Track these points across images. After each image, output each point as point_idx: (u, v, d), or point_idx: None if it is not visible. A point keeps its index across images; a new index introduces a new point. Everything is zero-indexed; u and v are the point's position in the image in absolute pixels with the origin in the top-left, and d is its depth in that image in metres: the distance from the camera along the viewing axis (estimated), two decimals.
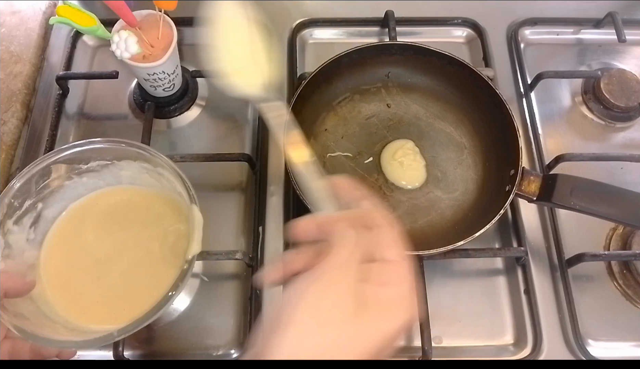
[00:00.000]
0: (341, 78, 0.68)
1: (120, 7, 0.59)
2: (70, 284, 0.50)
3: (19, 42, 0.74)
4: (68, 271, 0.51)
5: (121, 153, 0.51)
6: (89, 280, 0.50)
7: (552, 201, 0.55)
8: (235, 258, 0.58)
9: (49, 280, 0.50)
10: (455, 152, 0.67)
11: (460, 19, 0.79)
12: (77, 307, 0.49)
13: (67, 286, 0.50)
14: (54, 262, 0.51)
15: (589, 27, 0.79)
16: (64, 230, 0.53)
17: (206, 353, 0.58)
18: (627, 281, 0.62)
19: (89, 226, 0.53)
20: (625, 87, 0.72)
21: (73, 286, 0.50)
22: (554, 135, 0.72)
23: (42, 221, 0.52)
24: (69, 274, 0.51)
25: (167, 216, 0.53)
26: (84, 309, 0.49)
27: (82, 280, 0.50)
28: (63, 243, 0.52)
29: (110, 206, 0.54)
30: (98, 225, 0.53)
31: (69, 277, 0.50)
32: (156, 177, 0.53)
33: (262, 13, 0.45)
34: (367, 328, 0.32)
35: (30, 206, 0.50)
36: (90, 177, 0.53)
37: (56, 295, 0.49)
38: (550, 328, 0.59)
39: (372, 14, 0.78)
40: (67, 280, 0.50)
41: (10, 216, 0.48)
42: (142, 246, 0.51)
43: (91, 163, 0.52)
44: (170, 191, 0.52)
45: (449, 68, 0.66)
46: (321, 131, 0.68)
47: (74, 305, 0.49)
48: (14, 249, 0.49)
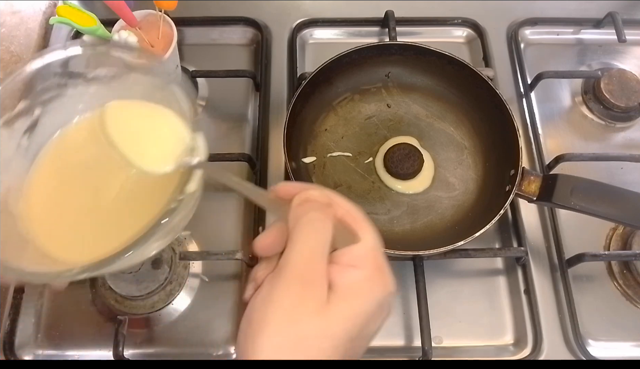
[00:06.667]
0: (341, 78, 0.68)
1: (121, 7, 0.59)
2: (55, 208, 0.44)
3: (19, 42, 0.74)
4: (55, 194, 0.45)
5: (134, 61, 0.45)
6: (76, 207, 0.44)
7: (552, 201, 0.55)
8: (235, 258, 0.58)
9: (34, 200, 0.44)
10: (455, 152, 0.67)
11: (460, 19, 0.79)
12: (56, 234, 0.43)
13: (51, 209, 0.44)
14: (42, 180, 0.45)
15: (589, 27, 0.79)
16: (61, 147, 0.46)
17: (206, 353, 0.58)
18: (627, 281, 0.62)
19: (87, 149, 0.47)
20: (625, 87, 0.72)
21: (58, 211, 0.44)
22: (554, 135, 0.72)
23: (40, 130, 0.45)
24: (56, 197, 0.44)
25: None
26: (63, 238, 0.42)
27: (68, 206, 0.44)
28: (57, 160, 0.46)
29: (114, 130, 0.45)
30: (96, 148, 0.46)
31: (55, 200, 0.44)
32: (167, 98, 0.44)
33: (264, 13, 0.45)
34: (336, 313, 0.31)
35: (25, 109, 0.44)
36: (99, 87, 0.46)
37: (38, 215, 0.43)
38: (550, 328, 0.59)
39: (372, 14, 0.78)
40: (52, 202, 0.44)
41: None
42: (138, 177, 0.44)
43: (99, 70, 0.46)
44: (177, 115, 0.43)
45: (449, 68, 0.66)
46: (321, 131, 0.68)
47: (53, 230, 0.43)
48: (1, 155, 0.43)
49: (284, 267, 0.32)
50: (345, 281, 0.32)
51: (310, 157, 0.66)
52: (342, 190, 0.64)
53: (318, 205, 0.34)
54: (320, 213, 0.34)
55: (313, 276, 0.32)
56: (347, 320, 0.31)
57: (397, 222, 0.63)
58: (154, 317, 0.59)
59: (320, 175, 0.65)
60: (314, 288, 0.31)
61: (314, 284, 0.32)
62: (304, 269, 0.32)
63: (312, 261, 0.32)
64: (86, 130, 0.47)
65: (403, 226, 0.62)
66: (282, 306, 0.31)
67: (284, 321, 0.31)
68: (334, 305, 0.31)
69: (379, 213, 0.63)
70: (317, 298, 0.31)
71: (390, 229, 0.62)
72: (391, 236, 0.61)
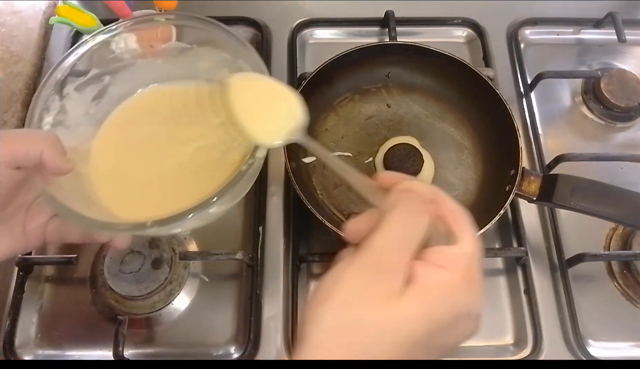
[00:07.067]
0: (341, 78, 0.68)
1: (121, 7, 0.59)
2: (121, 173, 0.46)
3: (19, 42, 0.74)
4: (121, 160, 0.47)
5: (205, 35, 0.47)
6: (141, 173, 0.46)
7: (553, 201, 0.55)
8: (235, 258, 0.58)
9: (100, 164, 0.46)
10: (455, 152, 0.67)
11: (460, 19, 0.79)
12: (122, 197, 0.45)
13: (116, 175, 0.46)
14: (109, 146, 0.47)
15: (589, 27, 0.79)
16: (126, 115, 0.48)
17: (206, 352, 0.58)
18: (627, 281, 0.62)
19: (152, 121, 0.49)
20: (625, 87, 0.72)
21: (122, 176, 0.46)
22: (554, 135, 0.72)
23: (106, 98, 0.48)
24: (122, 162, 0.47)
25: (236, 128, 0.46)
26: (128, 202, 0.44)
27: (134, 171, 0.46)
28: (122, 130, 0.48)
29: (178, 105, 0.49)
30: (161, 122, 0.48)
31: (121, 166, 0.46)
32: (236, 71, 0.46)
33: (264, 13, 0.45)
34: (405, 308, 0.29)
35: (96, 76, 0.46)
36: (165, 60, 0.49)
37: (103, 180, 0.45)
38: (550, 328, 0.59)
39: (372, 14, 0.78)
40: (118, 167, 0.46)
41: (73, 79, 0.44)
42: (203, 154, 0.46)
43: (168, 43, 0.47)
44: None
45: (449, 68, 0.66)
46: (321, 131, 0.68)
47: (119, 195, 0.45)
48: (70, 117, 0.45)
49: (364, 250, 0.31)
50: (427, 279, 0.30)
51: (310, 157, 0.66)
52: (342, 190, 0.64)
53: (419, 198, 0.32)
54: (418, 206, 0.32)
55: (390, 265, 0.30)
56: (415, 319, 0.29)
57: None
58: (154, 317, 0.59)
59: (320, 175, 0.65)
60: (388, 276, 0.30)
61: (389, 272, 0.30)
62: (383, 256, 0.30)
63: (394, 250, 0.31)
64: (154, 100, 0.49)
65: None
66: (351, 285, 0.30)
67: (349, 299, 0.30)
68: (407, 299, 0.29)
69: None
70: (389, 288, 0.29)
71: None
72: None
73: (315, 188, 0.64)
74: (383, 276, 0.30)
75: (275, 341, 0.58)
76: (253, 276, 0.60)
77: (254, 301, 0.59)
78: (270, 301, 0.60)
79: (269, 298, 0.60)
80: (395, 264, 0.30)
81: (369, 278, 0.30)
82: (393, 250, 0.30)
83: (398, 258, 0.30)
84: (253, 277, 0.59)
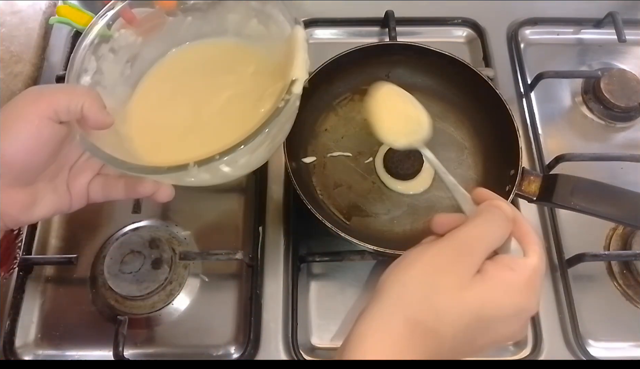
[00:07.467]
0: (341, 78, 0.68)
1: None
2: (159, 126, 0.48)
3: (19, 42, 0.74)
4: (158, 113, 0.49)
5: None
6: (179, 124, 0.48)
7: (553, 201, 0.55)
8: (235, 258, 0.58)
9: (137, 122, 0.48)
10: (455, 152, 0.67)
11: (460, 19, 0.79)
12: (161, 150, 0.46)
13: (155, 128, 0.48)
14: (146, 103, 0.49)
15: (589, 27, 0.79)
16: (160, 75, 0.51)
17: (206, 352, 0.58)
18: (627, 281, 0.62)
19: (185, 77, 0.51)
20: (625, 87, 0.72)
21: (161, 129, 0.48)
22: (554, 135, 0.72)
23: (140, 60, 0.50)
24: (159, 116, 0.49)
25: (267, 78, 0.49)
26: (167, 153, 0.45)
27: (171, 123, 0.48)
28: (157, 88, 0.50)
29: (210, 60, 0.52)
30: (195, 77, 0.51)
31: (159, 119, 0.49)
32: (264, 22, 0.49)
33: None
34: (474, 290, 0.33)
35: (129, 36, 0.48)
36: (195, 17, 0.50)
37: (142, 136, 0.47)
38: (550, 328, 0.59)
39: (372, 14, 0.78)
40: (156, 122, 0.49)
41: (107, 40, 0.45)
42: (237, 102, 0.49)
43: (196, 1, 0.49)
44: (279, 45, 0.47)
45: (449, 69, 0.66)
46: (321, 131, 0.68)
47: (158, 148, 0.47)
48: (107, 78, 0.47)
49: (449, 236, 0.35)
50: (496, 273, 0.34)
51: (310, 157, 0.66)
52: (342, 190, 0.64)
53: (504, 214, 0.37)
54: (502, 220, 0.37)
55: (471, 252, 0.34)
56: (483, 301, 0.33)
57: (398, 222, 0.63)
58: (154, 317, 0.59)
59: (321, 175, 0.65)
60: (467, 260, 0.34)
61: (466, 257, 0.34)
62: (467, 243, 0.35)
63: (475, 242, 0.35)
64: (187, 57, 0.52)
65: (403, 226, 0.62)
66: (433, 258, 0.34)
67: (429, 269, 0.34)
68: (478, 283, 0.33)
69: (379, 213, 0.63)
70: (463, 271, 0.33)
71: (391, 229, 0.62)
72: (391, 237, 0.61)
73: (315, 188, 0.64)
74: (463, 258, 0.34)
75: (275, 341, 0.58)
76: (253, 276, 0.60)
77: (254, 301, 0.59)
78: (270, 301, 0.60)
79: (269, 298, 0.60)
80: (475, 253, 0.34)
81: (451, 257, 0.34)
82: (476, 242, 0.35)
83: (479, 250, 0.34)
84: (253, 277, 0.60)
